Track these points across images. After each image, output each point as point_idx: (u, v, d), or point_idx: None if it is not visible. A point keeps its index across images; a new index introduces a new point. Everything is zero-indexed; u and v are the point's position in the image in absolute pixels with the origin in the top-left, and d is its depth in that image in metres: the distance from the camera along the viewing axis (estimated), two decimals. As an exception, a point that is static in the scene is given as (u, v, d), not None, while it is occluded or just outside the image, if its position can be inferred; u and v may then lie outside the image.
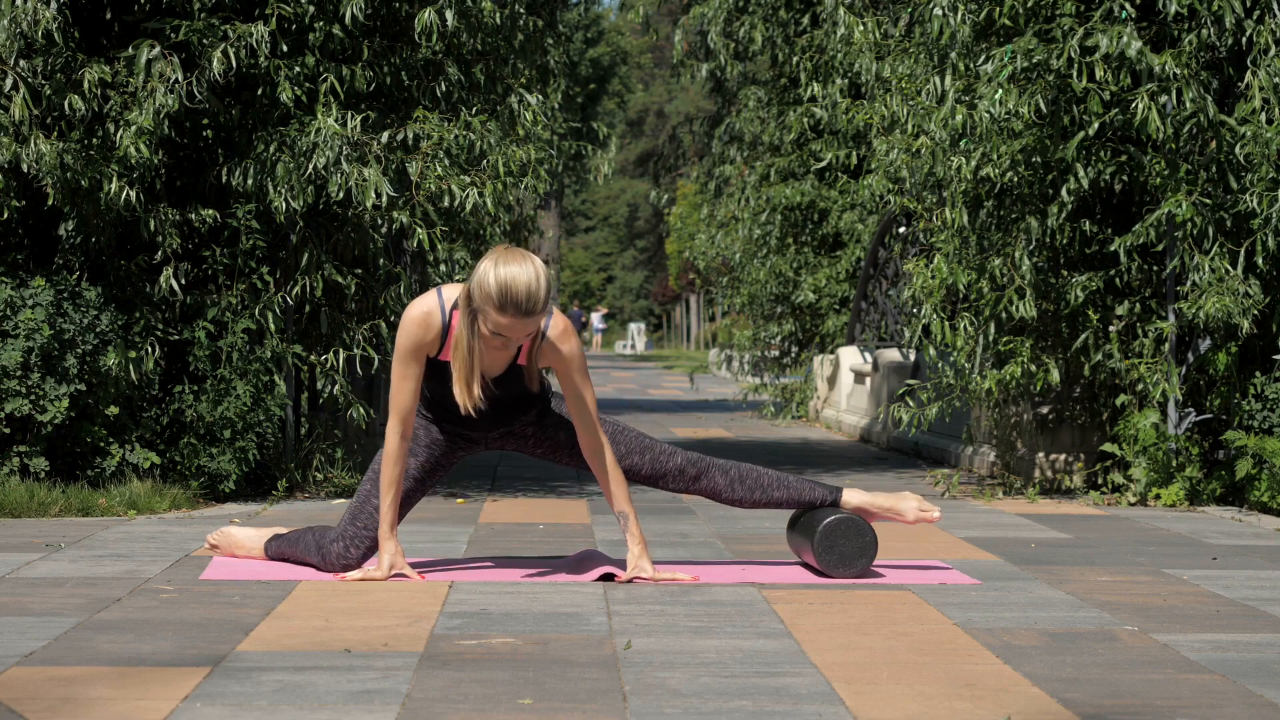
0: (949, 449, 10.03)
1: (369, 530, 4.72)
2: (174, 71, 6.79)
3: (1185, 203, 7.03)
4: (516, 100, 8.07)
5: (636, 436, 4.80)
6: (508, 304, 4.33)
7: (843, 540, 4.78)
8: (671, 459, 4.81)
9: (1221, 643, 3.80)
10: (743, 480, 4.86)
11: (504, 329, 4.38)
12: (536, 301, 4.35)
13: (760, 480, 4.87)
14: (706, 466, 4.84)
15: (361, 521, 4.73)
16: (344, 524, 4.75)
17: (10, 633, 3.75)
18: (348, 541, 4.73)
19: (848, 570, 4.77)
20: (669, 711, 3.01)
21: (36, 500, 6.27)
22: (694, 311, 58.31)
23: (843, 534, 4.77)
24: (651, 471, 4.80)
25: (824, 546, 4.76)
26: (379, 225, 7.47)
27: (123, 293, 7.15)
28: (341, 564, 4.74)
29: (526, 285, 4.32)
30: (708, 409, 17.92)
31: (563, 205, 40.56)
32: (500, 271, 4.33)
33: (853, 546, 4.78)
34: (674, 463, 4.82)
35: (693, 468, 4.83)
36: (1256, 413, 7.17)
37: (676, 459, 4.82)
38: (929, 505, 4.98)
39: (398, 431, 4.58)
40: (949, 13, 7.56)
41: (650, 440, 4.82)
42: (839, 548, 4.78)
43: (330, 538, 4.76)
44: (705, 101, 39.46)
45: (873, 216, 15.38)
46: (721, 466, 4.86)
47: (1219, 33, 7.20)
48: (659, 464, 4.80)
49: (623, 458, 4.77)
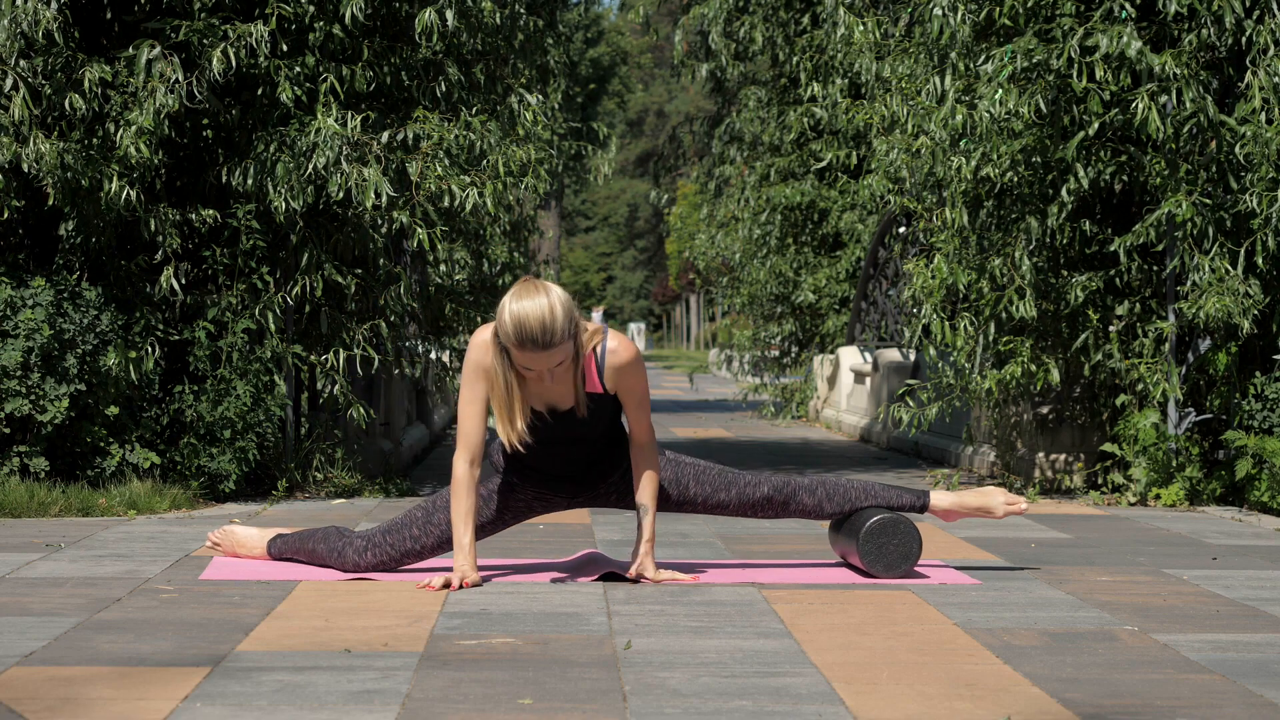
0: (949, 449, 10.03)
1: (393, 551, 4.72)
2: (174, 71, 6.79)
3: (1185, 203, 7.03)
4: (516, 100, 8.07)
5: (719, 474, 4.80)
6: (524, 340, 4.33)
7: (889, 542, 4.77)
8: (757, 490, 4.81)
9: (1221, 643, 3.80)
10: (830, 498, 4.86)
11: (528, 363, 4.38)
12: (552, 334, 4.32)
13: (848, 494, 4.87)
14: (793, 491, 4.84)
15: (392, 539, 4.72)
16: (377, 531, 4.75)
17: (10, 633, 3.75)
18: (369, 548, 4.72)
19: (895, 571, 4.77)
20: (669, 711, 3.01)
21: (36, 500, 6.27)
22: (694, 311, 58.30)
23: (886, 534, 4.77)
24: (739, 505, 4.81)
25: (869, 550, 4.76)
26: (379, 225, 7.47)
27: (123, 293, 7.15)
28: (350, 565, 4.74)
29: (540, 320, 4.31)
30: (708, 409, 17.92)
31: (563, 205, 40.53)
32: (514, 307, 4.33)
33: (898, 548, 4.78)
34: (760, 493, 4.81)
35: (779, 495, 4.83)
36: (1256, 413, 7.17)
37: (763, 489, 4.81)
38: (1015, 497, 4.99)
39: (465, 460, 4.53)
40: (949, 13, 7.56)
41: (734, 475, 4.82)
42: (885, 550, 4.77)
43: (352, 535, 4.76)
44: (705, 101, 39.45)
45: (873, 216, 15.38)
46: (807, 487, 4.85)
47: (1219, 33, 7.20)
48: (745, 496, 4.81)
49: (708, 496, 4.78)
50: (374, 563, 4.73)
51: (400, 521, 4.74)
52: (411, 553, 4.72)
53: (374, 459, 8.36)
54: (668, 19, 29.62)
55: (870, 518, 4.77)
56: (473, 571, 4.54)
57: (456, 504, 4.54)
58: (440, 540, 4.71)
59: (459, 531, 4.56)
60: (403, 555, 4.73)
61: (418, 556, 4.74)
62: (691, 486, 4.78)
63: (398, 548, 4.72)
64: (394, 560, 4.73)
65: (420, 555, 4.73)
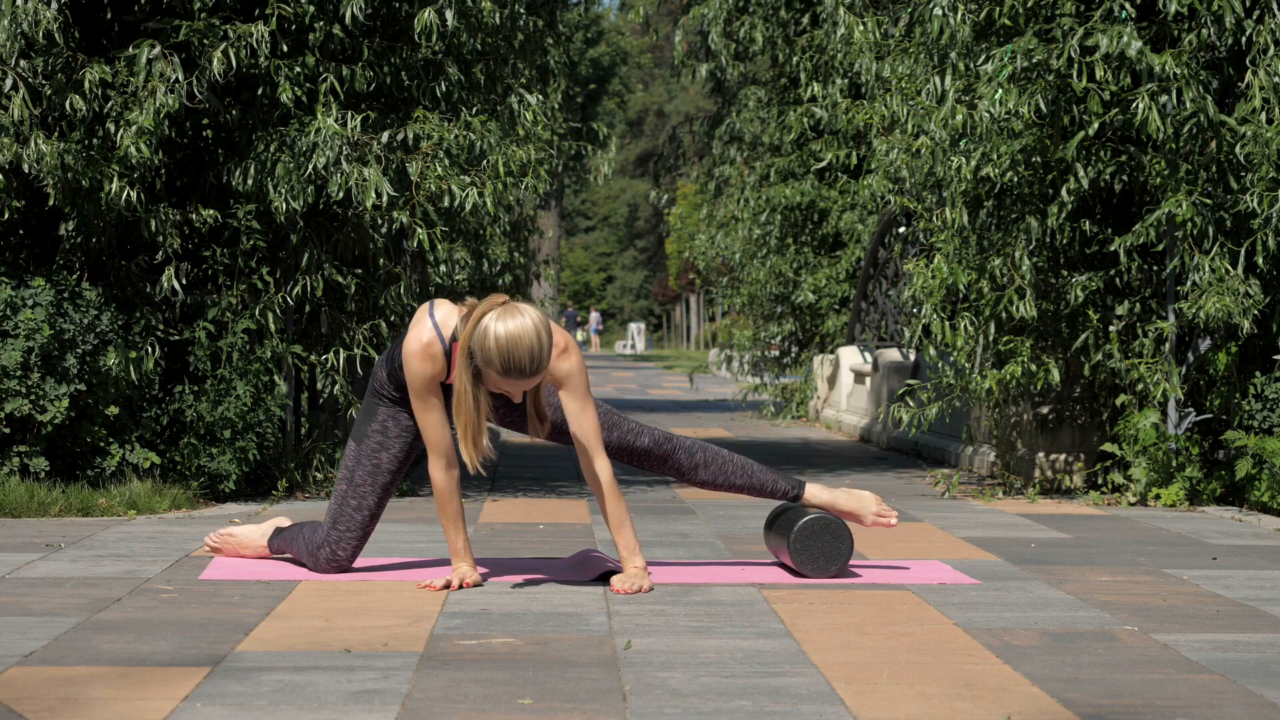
0: (949, 449, 10.03)
1: (351, 531, 4.71)
2: (174, 71, 6.79)
3: (1185, 203, 7.03)
4: (516, 100, 8.07)
5: (605, 413, 4.78)
6: (511, 369, 4.25)
7: (817, 541, 4.77)
8: (639, 439, 4.81)
9: (1221, 643, 3.80)
10: (706, 465, 4.88)
11: (507, 389, 4.34)
12: (540, 362, 4.27)
13: (724, 466, 4.88)
14: (673, 449, 4.84)
15: (343, 524, 4.72)
16: (326, 529, 4.74)
17: (10, 633, 3.75)
18: (333, 546, 4.73)
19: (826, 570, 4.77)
20: (669, 711, 3.01)
21: (36, 500, 6.27)
22: (694, 311, 58.31)
23: (817, 535, 4.77)
24: (617, 449, 4.80)
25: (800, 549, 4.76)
26: (379, 225, 7.47)
27: (123, 293, 7.15)
28: (333, 567, 4.74)
29: (530, 349, 4.24)
30: (708, 409, 17.92)
31: (563, 205, 40.53)
32: (500, 333, 4.23)
33: (827, 546, 4.78)
34: (641, 443, 4.82)
35: (659, 449, 4.83)
36: (1256, 413, 7.17)
37: (644, 440, 4.82)
38: (887, 510, 4.97)
39: (441, 466, 4.51)
40: (949, 13, 7.56)
41: (619, 419, 4.81)
42: (816, 549, 4.77)
43: (317, 543, 4.76)
44: (705, 101, 39.46)
45: (873, 216, 15.38)
46: (687, 448, 4.86)
47: (1219, 32, 7.20)
48: (625, 441, 4.80)
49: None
50: (349, 553, 4.74)
51: (336, 508, 4.72)
52: (364, 523, 4.72)
53: (374, 459, 8.36)
54: (668, 19, 29.62)
55: (803, 517, 4.77)
56: (472, 572, 4.54)
57: (445, 509, 4.55)
58: (380, 490, 4.69)
59: (452, 535, 4.57)
60: (362, 533, 4.73)
61: (373, 520, 4.73)
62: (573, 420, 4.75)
63: (352, 529, 4.71)
64: (359, 540, 4.73)
65: (375, 518, 4.73)
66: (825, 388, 15.38)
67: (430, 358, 4.46)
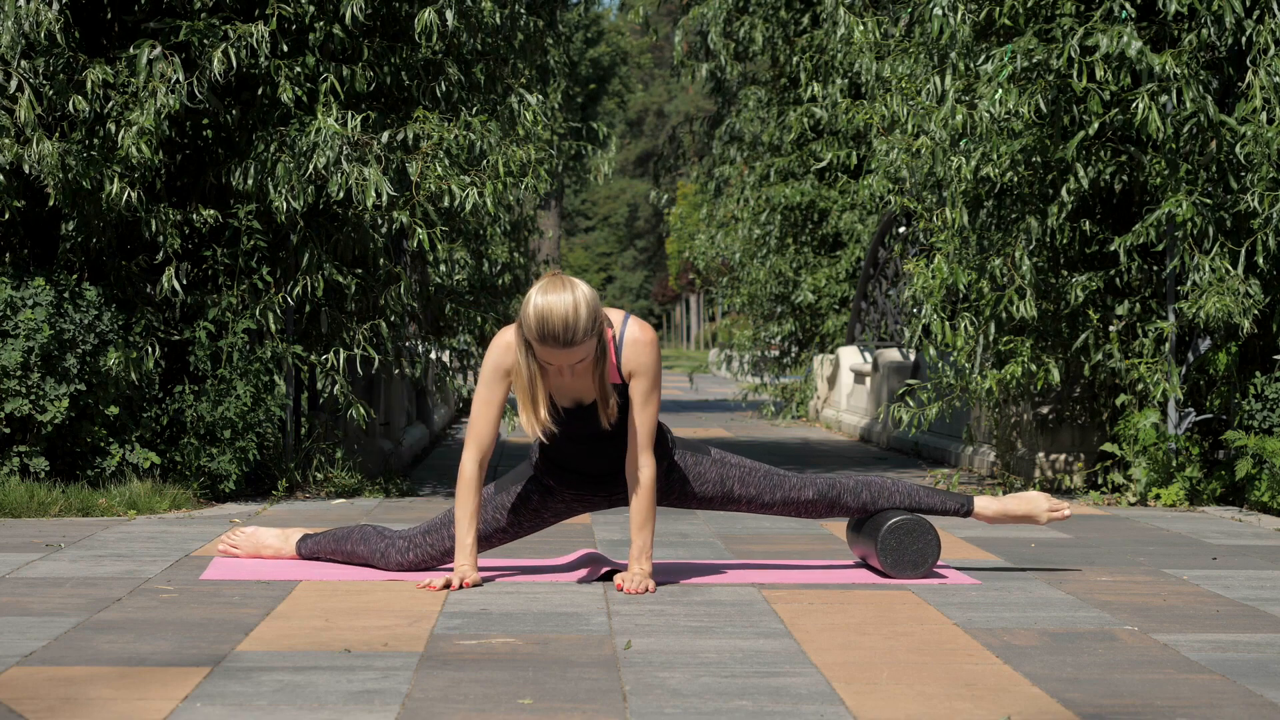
0: (949, 449, 10.03)
1: (433, 550, 4.73)
2: (175, 72, 6.79)
3: (1185, 202, 7.03)
4: (516, 100, 8.07)
5: (765, 475, 4.79)
6: (546, 336, 4.28)
7: (909, 541, 4.78)
8: (803, 493, 4.81)
9: (1221, 643, 3.80)
10: (875, 500, 4.87)
11: (548, 358, 4.34)
12: (575, 332, 4.27)
13: (892, 497, 4.87)
14: (839, 495, 4.84)
15: (432, 539, 4.73)
16: (417, 532, 4.77)
17: (10, 633, 3.75)
18: (410, 548, 4.74)
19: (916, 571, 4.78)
20: (669, 711, 3.01)
21: (36, 500, 6.27)
22: (694, 311, 58.31)
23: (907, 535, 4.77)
24: (784, 506, 4.82)
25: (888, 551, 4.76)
26: (379, 225, 7.47)
27: (123, 293, 7.15)
28: (392, 563, 4.76)
29: (564, 317, 4.26)
30: (708, 409, 17.92)
31: (563, 205, 40.53)
32: (539, 302, 4.27)
33: (916, 548, 4.78)
34: (806, 496, 4.81)
35: (824, 499, 4.83)
36: (1256, 413, 7.17)
37: (808, 492, 4.81)
38: (1059, 503, 4.99)
39: (473, 459, 4.50)
40: (949, 12, 7.56)
41: (780, 478, 4.80)
42: (906, 551, 4.78)
43: (393, 534, 4.77)
44: (705, 101, 39.45)
45: (873, 216, 15.38)
46: (852, 490, 4.85)
47: (1219, 32, 7.20)
48: (790, 499, 4.81)
49: (753, 498, 4.77)
50: (415, 561, 4.75)
51: (438, 522, 4.75)
52: (449, 551, 4.72)
53: (374, 459, 8.37)
54: (668, 19, 29.62)
55: (890, 519, 4.77)
56: (473, 571, 4.54)
57: (462, 503, 4.54)
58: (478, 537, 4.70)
59: (462, 531, 4.55)
60: (443, 555, 4.74)
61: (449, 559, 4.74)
62: (736, 488, 4.76)
63: (437, 547, 4.73)
64: (434, 559, 4.74)
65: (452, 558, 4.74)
66: (825, 388, 15.38)
67: (506, 347, 4.47)
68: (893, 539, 4.76)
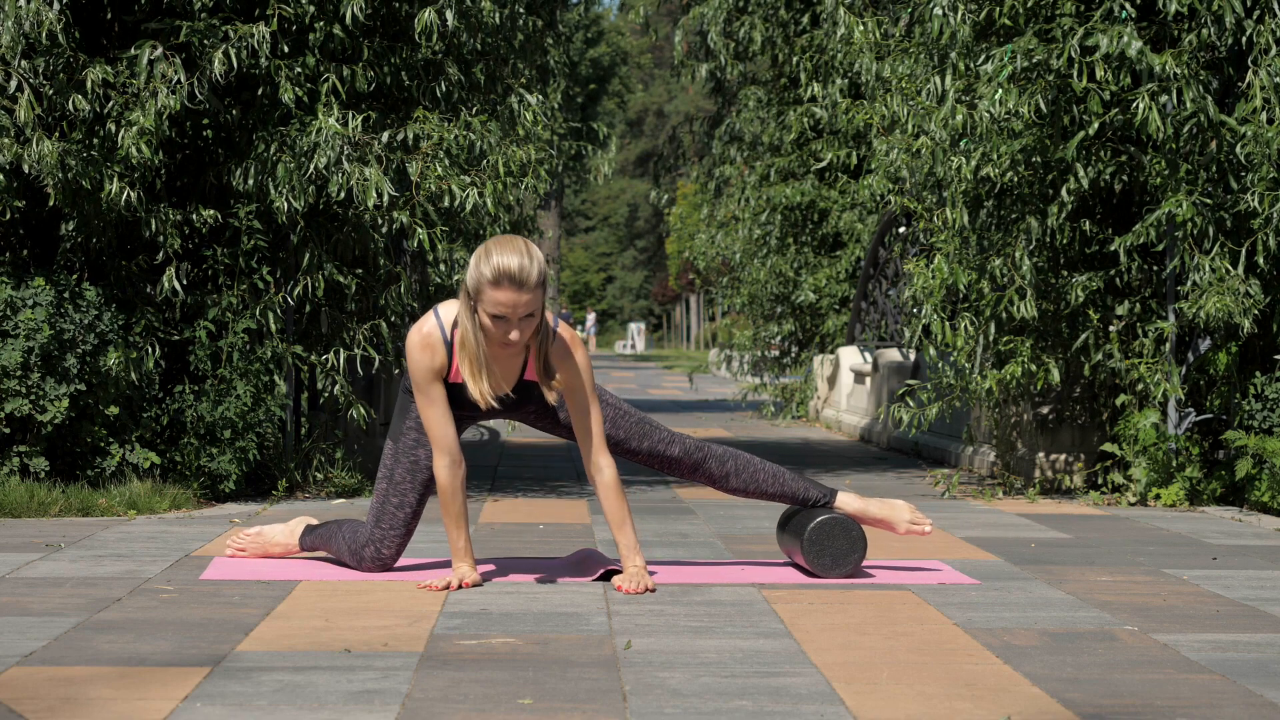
0: (949, 449, 10.03)
1: (394, 529, 4.73)
2: (175, 72, 6.80)
3: (1185, 203, 7.03)
4: (516, 100, 8.07)
5: (638, 421, 4.79)
6: (502, 277, 4.32)
7: (831, 541, 4.77)
8: (670, 448, 4.81)
9: (1221, 643, 3.80)
10: (738, 473, 4.87)
11: (502, 306, 4.35)
12: (529, 272, 4.33)
13: (755, 474, 4.87)
14: (704, 458, 4.84)
15: (386, 523, 4.73)
16: (369, 528, 4.76)
17: (10, 633, 3.75)
18: (377, 544, 4.75)
19: (839, 570, 4.77)
20: (669, 711, 3.01)
21: (36, 500, 6.27)
22: (694, 311, 58.33)
23: (830, 534, 4.77)
24: (649, 457, 4.81)
25: (813, 549, 4.76)
26: (379, 225, 7.47)
27: (123, 293, 7.15)
28: (378, 566, 4.77)
29: (519, 257, 4.33)
30: (708, 409, 17.92)
31: (563, 205, 40.54)
32: (491, 247, 4.36)
33: (841, 546, 4.78)
34: (672, 452, 4.82)
35: (690, 458, 4.83)
36: (1257, 413, 7.17)
37: (674, 449, 4.81)
38: (921, 517, 4.96)
39: (445, 464, 4.53)
40: (949, 12, 7.56)
41: (651, 428, 4.81)
42: (829, 549, 4.78)
43: (360, 542, 4.78)
44: (705, 101, 39.45)
45: (873, 216, 15.38)
46: (718, 457, 4.86)
47: (1219, 32, 7.20)
48: (656, 450, 4.81)
49: (621, 441, 4.77)
50: (393, 552, 4.76)
51: (378, 506, 4.75)
52: (407, 520, 4.73)
53: (374, 459, 8.37)
54: (668, 19, 29.62)
55: (816, 517, 4.77)
56: (472, 572, 4.55)
57: (448, 508, 4.55)
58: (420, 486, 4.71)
59: (454, 535, 4.57)
60: (405, 530, 4.74)
61: (415, 516, 4.75)
62: (606, 427, 4.75)
63: (395, 527, 4.73)
64: (402, 538, 4.75)
65: (417, 514, 4.75)
66: (825, 388, 15.38)
67: (429, 347, 4.49)
68: (816, 534, 4.76)
